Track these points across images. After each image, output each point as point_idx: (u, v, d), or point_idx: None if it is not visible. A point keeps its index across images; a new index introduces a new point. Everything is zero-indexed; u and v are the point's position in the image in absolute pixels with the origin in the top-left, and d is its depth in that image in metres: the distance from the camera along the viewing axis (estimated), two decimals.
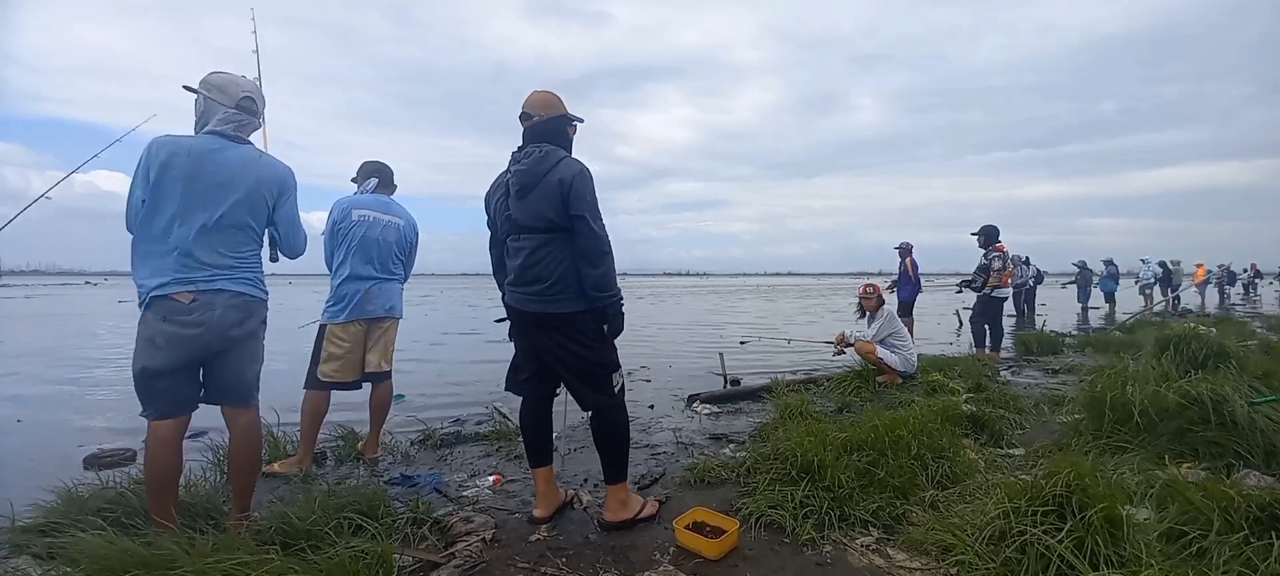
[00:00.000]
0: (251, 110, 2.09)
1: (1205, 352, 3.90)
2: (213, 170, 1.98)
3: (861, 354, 5.10)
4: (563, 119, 2.23)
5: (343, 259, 2.97)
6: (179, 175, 1.93)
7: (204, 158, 1.97)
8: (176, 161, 1.93)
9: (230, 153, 2.03)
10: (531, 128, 2.19)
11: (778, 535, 2.18)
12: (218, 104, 2.03)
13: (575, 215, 2.07)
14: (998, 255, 6.64)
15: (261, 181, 2.08)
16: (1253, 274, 22.73)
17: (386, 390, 3.18)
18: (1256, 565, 1.70)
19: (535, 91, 2.23)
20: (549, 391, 2.35)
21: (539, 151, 2.12)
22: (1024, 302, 12.78)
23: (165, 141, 1.95)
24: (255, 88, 2.13)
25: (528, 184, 2.10)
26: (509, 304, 2.25)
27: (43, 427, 4.20)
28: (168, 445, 1.98)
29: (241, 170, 2.03)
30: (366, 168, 3.15)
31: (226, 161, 2.00)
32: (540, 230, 2.11)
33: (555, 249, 2.10)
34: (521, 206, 2.13)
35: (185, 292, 1.94)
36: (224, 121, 2.03)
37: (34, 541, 2.02)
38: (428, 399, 5.00)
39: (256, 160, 2.09)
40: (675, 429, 3.72)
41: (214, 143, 2.01)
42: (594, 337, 2.17)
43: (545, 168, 2.09)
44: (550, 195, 2.07)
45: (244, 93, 2.07)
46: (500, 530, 2.22)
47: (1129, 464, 2.47)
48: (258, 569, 1.66)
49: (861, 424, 2.90)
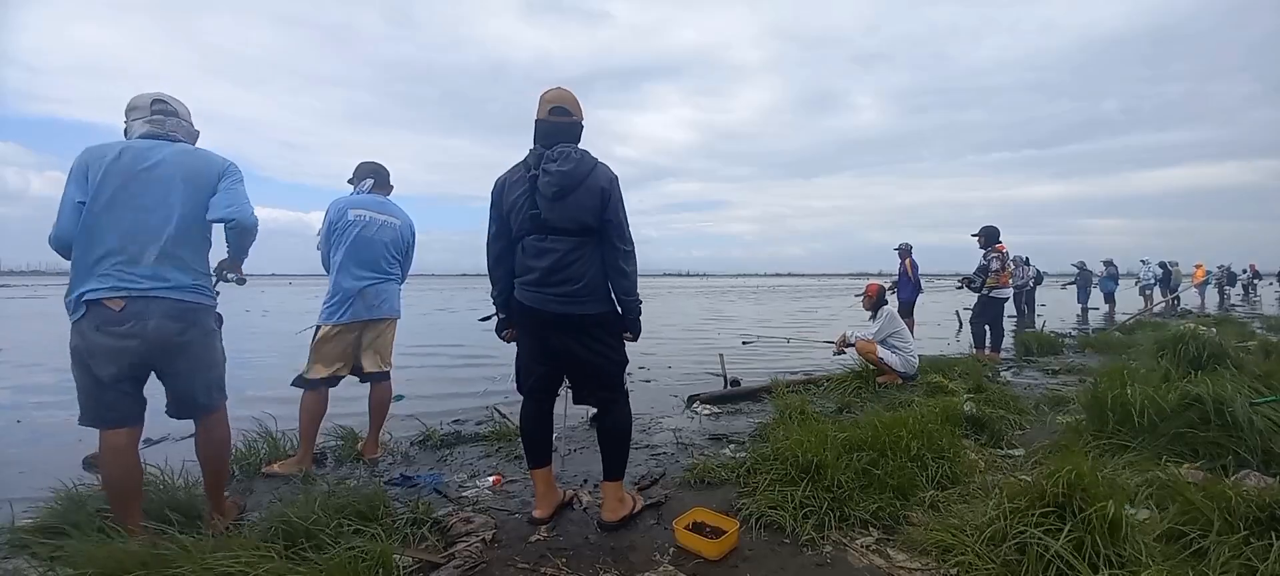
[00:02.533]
0: (167, 111, 2.09)
1: (1205, 353, 3.90)
2: (145, 166, 1.95)
3: (862, 354, 5.10)
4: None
5: (339, 259, 2.96)
6: (114, 173, 1.91)
7: (136, 156, 1.96)
8: (109, 161, 1.91)
9: (163, 149, 2.01)
10: (569, 126, 2.18)
11: (778, 535, 2.18)
12: (137, 117, 2.07)
13: (611, 222, 2.10)
14: (997, 256, 6.64)
15: (197, 172, 2.03)
16: (1252, 274, 22.73)
17: (386, 390, 3.18)
18: (1256, 565, 1.70)
19: (564, 89, 2.20)
20: (553, 392, 2.35)
21: (577, 154, 2.11)
22: (1024, 303, 12.78)
23: (98, 146, 1.96)
24: (170, 96, 2.15)
25: (568, 187, 2.07)
26: (527, 304, 2.16)
27: (42, 428, 4.20)
28: (121, 454, 1.95)
29: (175, 163, 2.00)
30: (363, 168, 3.15)
31: (159, 158, 1.98)
32: (574, 233, 2.10)
33: (587, 252, 2.12)
34: (557, 208, 2.08)
35: (116, 299, 1.87)
36: (145, 123, 2.05)
37: (33, 541, 2.02)
38: (428, 399, 5.00)
39: (190, 152, 2.07)
40: (675, 429, 3.72)
41: (144, 143, 2.01)
42: (616, 338, 2.23)
43: (585, 171, 2.09)
44: (590, 200, 2.09)
45: (154, 97, 2.09)
46: (500, 530, 2.22)
47: (1129, 464, 2.47)
48: (258, 569, 1.66)
49: (862, 424, 2.90)
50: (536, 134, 2.17)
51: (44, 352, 8.26)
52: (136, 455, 2.01)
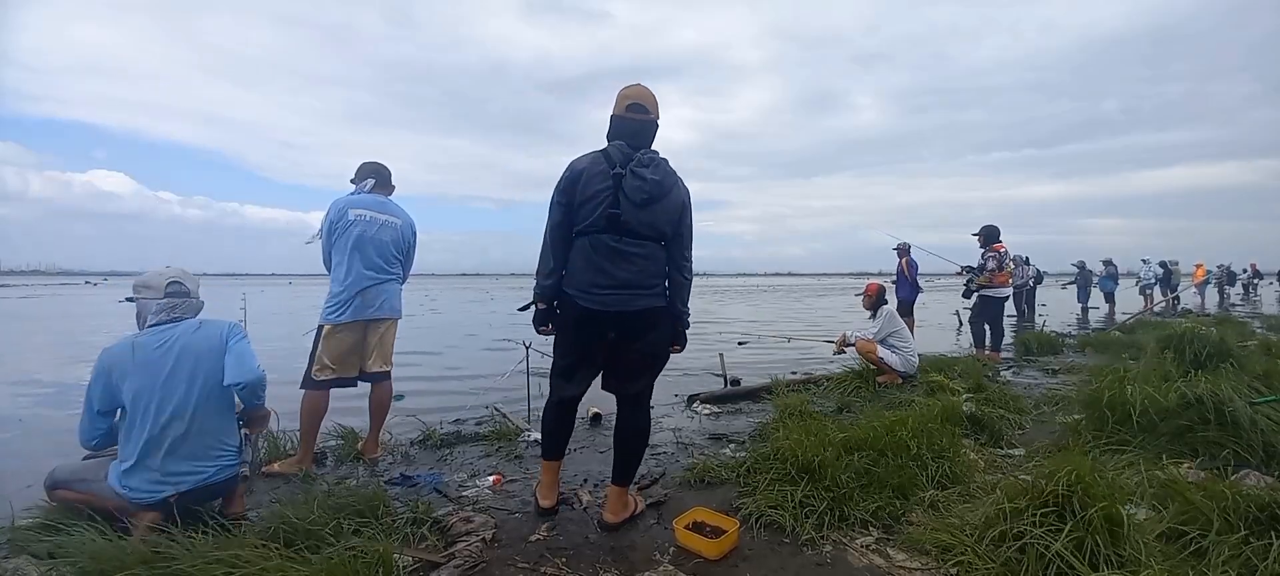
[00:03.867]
0: (181, 293, 2.21)
1: (1206, 352, 3.90)
2: (160, 361, 2.08)
3: (862, 353, 5.10)
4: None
5: (339, 259, 2.96)
6: (130, 372, 2.04)
7: (150, 350, 2.09)
8: (123, 362, 2.05)
9: (171, 333, 2.13)
10: (648, 125, 2.19)
11: (778, 535, 2.18)
12: (150, 299, 2.17)
13: (684, 235, 2.19)
14: (993, 255, 6.64)
15: (209, 352, 2.17)
16: (1252, 274, 22.73)
17: (386, 390, 3.18)
18: (1256, 565, 1.70)
19: (643, 87, 2.20)
20: (583, 394, 2.35)
21: (665, 164, 2.14)
22: (1024, 303, 12.78)
23: (112, 350, 2.08)
24: (182, 273, 2.25)
25: (656, 196, 2.10)
26: (587, 306, 2.09)
27: (43, 427, 4.20)
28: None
29: (186, 346, 2.13)
30: (364, 169, 3.15)
31: (171, 346, 2.11)
32: (650, 239, 2.14)
33: (657, 257, 2.17)
34: (642, 214, 2.09)
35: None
36: (158, 312, 2.16)
37: (34, 540, 2.02)
38: (428, 399, 5.00)
39: (196, 330, 2.19)
40: (675, 429, 3.72)
41: (152, 336, 2.12)
42: (667, 335, 2.27)
43: (671, 183, 2.14)
44: (671, 211, 2.14)
45: (169, 279, 2.20)
46: (500, 530, 2.22)
47: (1129, 464, 2.47)
48: (258, 568, 1.66)
49: (861, 424, 2.90)
50: (614, 130, 2.19)
51: (44, 353, 8.27)
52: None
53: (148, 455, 2.03)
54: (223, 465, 2.18)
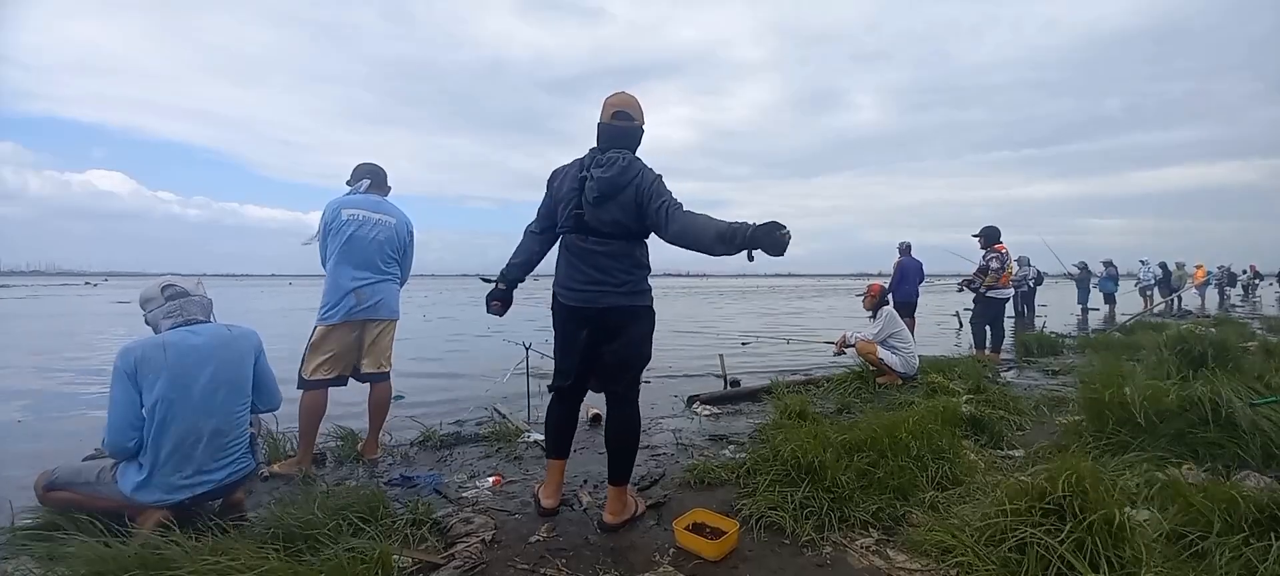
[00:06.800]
0: (180, 293, 2.21)
1: (1206, 353, 3.89)
2: (195, 370, 2.09)
3: (862, 354, 5.10)
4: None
5: (334, 259, 2.96)
6: (162, 372, 2.02)
7: (182, 351, 2.08)
8: (154, 359, 2.03)
9: (200, 338, 2.14)
10: (629, 131, 2.23)
11: (778, 536, 2.18)
12: (155, 309, 2.17)
13: (649, 219, 2.17)
14: (996, 256, 6.64)
15: (238, 362, 2.21)
16: (1252, 275, 22.74)
17: (385, 391, 3.18)
18: (1256, 566, 1.70)
19: (628, 94, 2.26)
20: (583, 391, 2.39)
21: (624, 161, 2.16)
22: (1024, 303, 12.78)
23: (138, 347, 2.05)
24: (174, 276, 2.27)
25: (608, 194, 2.13)
26: (566, 303, 2.23)
27: (43, 428, 4.20)
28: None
29: (221, 360, 2.15)
30: (360, 170, 3.15)
31: (204, 355, 2.12)
32: (614, 237, 2.17)
33: (625, 252, 2.20)
34: (598, 212, 2.14)
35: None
36: (169, 315, 2.16)
37: (33, 542, 2.02)
38: (427, 399, 4.99)
39: (226, 343, 2.21)
40: (675, 430, 3.72)
41: (179, 337, 2.11)
42: (643, 334, 2.28)
43: (627, 179, 2.15)
44: (628, 205, 2.15)
45: (164, 282, 2.22)
46: (500, 531, 2.22)
47: (1129, 465, 2.47)
48: (256, 569, 1.66)
49: (861, 425, 2.89)
50: (598, 136, 2.23)
51: (44, 354, 8.27)
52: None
53: (170, 460, 2.03)
54: (238, 468, 2.22)
